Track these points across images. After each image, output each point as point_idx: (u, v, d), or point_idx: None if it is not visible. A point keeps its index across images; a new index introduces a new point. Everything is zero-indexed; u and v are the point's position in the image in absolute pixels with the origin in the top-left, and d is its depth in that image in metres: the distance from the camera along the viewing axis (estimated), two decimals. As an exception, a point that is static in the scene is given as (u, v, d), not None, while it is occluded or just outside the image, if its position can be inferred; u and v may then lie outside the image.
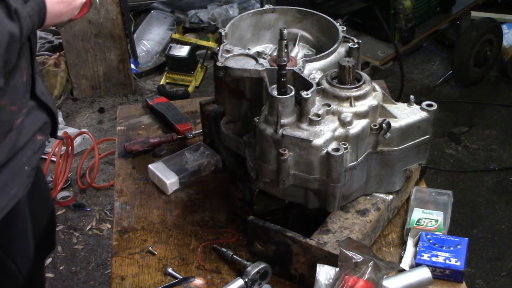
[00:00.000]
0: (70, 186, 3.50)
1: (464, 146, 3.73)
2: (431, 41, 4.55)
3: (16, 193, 1.37)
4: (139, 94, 4.28)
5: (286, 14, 1.70)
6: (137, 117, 2.08)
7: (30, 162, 1.40)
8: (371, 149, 1.49)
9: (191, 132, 1.95)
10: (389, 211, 1.61)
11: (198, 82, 4.32)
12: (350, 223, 1.51)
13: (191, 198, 1.76)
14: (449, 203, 1.65)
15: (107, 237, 3.20)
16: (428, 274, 1.43)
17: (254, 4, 4.93)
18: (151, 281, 1.53)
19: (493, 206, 3.31)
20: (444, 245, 1.51)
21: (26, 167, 1.39)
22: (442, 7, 3.95)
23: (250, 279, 1.45)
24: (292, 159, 1.41)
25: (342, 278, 1.32)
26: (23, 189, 1.40)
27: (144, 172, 1.84)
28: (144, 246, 1.62)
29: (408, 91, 3.92)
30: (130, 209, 1.73)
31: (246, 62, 1.50)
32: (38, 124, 1.42)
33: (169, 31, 4.73)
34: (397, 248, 1.58)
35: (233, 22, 1.64)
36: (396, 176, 1.57)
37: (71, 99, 4.22)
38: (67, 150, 3.44)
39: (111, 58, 4.09)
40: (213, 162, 1.82)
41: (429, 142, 1.56)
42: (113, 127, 3.85)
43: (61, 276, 3.03)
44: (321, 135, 1.39)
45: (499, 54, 4.19)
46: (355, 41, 1.58)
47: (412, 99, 1.54)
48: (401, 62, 3.73)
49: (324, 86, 1.47)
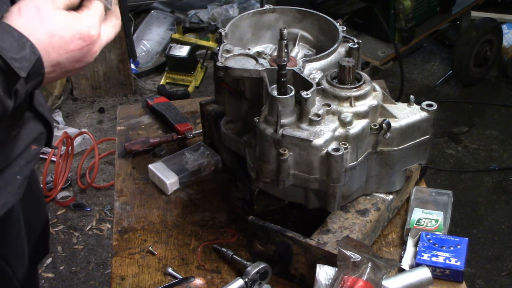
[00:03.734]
0: (70, 186, 3.50)
1: (464, 146, 3.73)
2: (431, 41, 4.55)
3: (6, 202, 1.34)
4: (139, 94, 4.28)
5: (286, 14, 1.70)
6: (137, 117, 2.08)
7: (22, 171, 1.37)
8: (371, 149, 1.49)
9: (191, 132, 1.95)
10: (389, 211, 1.61)
11: (198, 82, 4.32)
12: (350, 223, 1.51)
13: (191, 198, 1.76)
14: (449, 203, 1.65)
15: (107, 237, 3.20)
16: (428, 274, 1.43)
17: (254, 4, 4.93)
18: (151, 281, 1.53)
19: (493, 206, 3.32)
20: (444, 245, 1.51)
21: (18, 177, 1.35)
22: (442, 7, 3.95)
23: (250, 279, 1.46)
24: (292, 159, 1.42)
25: (341, 278, 1.32)
26: (14, 199, 1.36)
27: (144, 172, 1.84)
28: (144, 246, 1.62)
29: (408, 91, 3.92)
30: (130, 209, 1.73)
31: (246, 62, 1.50)
32: (33, 134, 1.38)
33: (169, 31, 4.73)
34: (397, 248, 1.58)
35: (233, 22, 1.64)
36: (396, 176, 1.57)
37: (71, 99, 4.22)
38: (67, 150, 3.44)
39: (111, 58, 4.09)
40: (213, 162, 1.82)
41: (429, 142, 1.56)
42: (113, 127, 3.85)
43: (61, 276, 3.03)
44: (321, 135, 1.39)
45: (499, 54, 4.19)
46: (355, 41, 1.58)
47: (412, 99, 1.54)
48: (401, 62, 3.73)
49: (324, 86, 1.47)
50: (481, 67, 4.15)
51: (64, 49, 1.09)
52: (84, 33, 1.10)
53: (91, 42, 1.12)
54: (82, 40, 1.11)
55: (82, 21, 1.11)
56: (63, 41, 1.09)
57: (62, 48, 1.09)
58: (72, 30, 1.09)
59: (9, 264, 1.52)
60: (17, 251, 1.56)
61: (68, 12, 1.11)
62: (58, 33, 1.08)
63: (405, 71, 3.87)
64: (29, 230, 1.61)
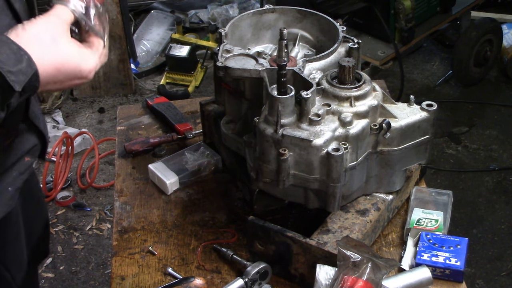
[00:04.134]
0: (70, 186, 3.50)
1: (464, 146, 3.73)
2: (431, 41, 4.55)
3: None
4: (139, 94, 4.28)
5: (286, 14, 1.70)
6: (137, 117, 2.08)
7: (14, 183, 1.35)
8: (371, 149, 1.49)
9: (191, 132, 1.95)
10: (389, 211, 1.61)
11: (198, 82, 4.32)
12: (350, 223, 1.51)
13: (191, 198, 1.76)
14: (449, 203, 1.65)
15: (107, 237, 3.20)
16: (428, 274, 1.43)
17: (254, 4, 4.93)
18: (151, 281, 1.53)
19: (493, 206, 3.32)
20: (444, 245, 1.51)
21: (9, 188, 1.34)
22: (442, 7, 3.95)
23: (250, 279, 1.45)
24: (292, 159, 1.41)
25: (341, 278, 1.32)
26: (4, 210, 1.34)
27: (144, 172, 1.84)
28: (144, 246, 1.62)
29: (408, 91, 3.93)
30: (130, 209, 1.73)
31: (246, 62, 1.50)
32: (27, 146, 1.36)
33: (169, 31, 4.73)
34: (397, 248, 1.58)
35: (233, 22, 1.64)
36: (396, 176, 1.57)
37: (71, 99, 4.22)
38: (67, 150, 3.44)
39: (111, 58, 4.09)
40: (213, 162, 1.82)
41: (429, 142, 1.56)
42: (113, 127, 3.85)
43: (61, 276, 3.03)
44: (321, 135, 1.39)
45: (499, 54, 4.19)
46: (355, 41, 1.58)
47: (412, 99, 1.54)
48: (401, 62, 3.73)
49: (324, 86, 1.47)
50: (481, 67, 4.15)
51: (61, 84, 1.15)
52: (84, 75, 1.17)
53: (86, 81, 1.20)
54: (79, 79, 1.17)
55: (88, 62, 1.17)
56: (63, 76, 1.14)
57: (59, 83, 1.15)
58: (76, 71, 1.15)
59: (8, 268, 1.51)
60: (15, 254, 1.55)
61: (78, 47, 1.16)
62: (64, 70, 1.13)
63: (405, 71, 3.87)
64: (29, 232, 1.60)
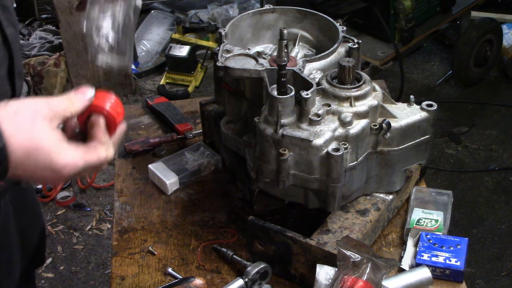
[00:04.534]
0: (70, 186, 3.50)
1: (464, 146, 3.73)
2: (431, 41, 4.55)
3: None
4: (139, 94, 4.28)
5: (286, 14, 1.70)
6: (137, 117, 2.08)
7: None
8: (371, 149, 1.49)
9: (191, 132, 1.95)
10: (389, 211, 1.61)
11: (198, 82, 4.32)
12: (350, 223, 1.51)
13: (191, 198, 1.76)
14: (449, 203, 1.65)
15: (107, 237, 3.20)
16: (428, 274, 1.43)
17: (254, 4, 4.93)
18: (151, 281, 1.53)
19: (493, 206, 3.32)
20: (444, 245, 1.51)
21: None
22: (442, 7, 3.95)
23: (250, 279, 1.45)
24: (292, 159, 1.41)
25: (341, 278, 1.32)
26: None
27: (144, 172, 1.84)
28: (144, 246, 1.62)
29: (408, 91, 3.92)
30: (130, 209, 1.73)
31: (246, 62, 1.50)
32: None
33: (169, 31, 4.73)
34: (397, 248, 1.57)
35: (233, 22, 1.64)
36: (396, 176, 1.57)
37: (71, 99, 4.21)
38: (67, 150, 3.44)
39: (111, 58, 4.08)
40: (213, 162, 1.82)
41: (429, 142, 1.56)
42: (113, 127, 3.84)
43: (61, 276, 3.03)
44: (321, 135, 1.39)
45: (499, 54, 4.19)
46: (355, 41, 1.58)
47: (412, 99, 1.54)
48: (401, 62, 3.73)
49: (324, 86, 1.47)
50: (481, 67, 4.15)
51: (32, 172, 0.98)
52: (56, 168, 0.98)
53: (60, 177, 1.00)
54: (51, 172, 0.98)
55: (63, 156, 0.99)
56: (33, 163, 0.96)
57: (30, 171, 0.98)
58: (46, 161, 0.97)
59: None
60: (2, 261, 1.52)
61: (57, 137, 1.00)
62: (34, 154, 0.96)
63: (405, 71, 3.87)
64: (24, 241, 1.59)
